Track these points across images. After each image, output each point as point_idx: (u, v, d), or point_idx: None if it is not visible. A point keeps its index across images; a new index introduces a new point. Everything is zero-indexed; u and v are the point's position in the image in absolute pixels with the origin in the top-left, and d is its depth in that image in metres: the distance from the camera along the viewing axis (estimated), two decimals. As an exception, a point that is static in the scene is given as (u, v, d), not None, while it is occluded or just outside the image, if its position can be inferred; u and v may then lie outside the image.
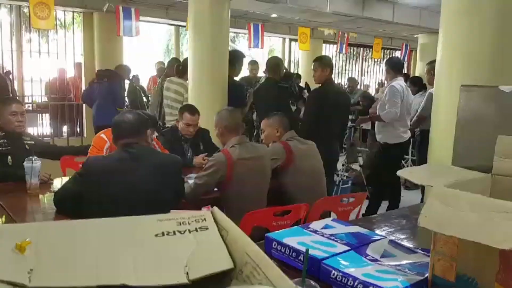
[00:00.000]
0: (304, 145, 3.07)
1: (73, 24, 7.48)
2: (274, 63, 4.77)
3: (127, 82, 7.25)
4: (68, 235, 0.67)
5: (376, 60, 12.57)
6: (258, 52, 11.54)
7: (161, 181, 2.16)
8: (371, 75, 13.39)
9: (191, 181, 2.68)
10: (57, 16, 6.18)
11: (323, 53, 9.36)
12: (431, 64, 4.52)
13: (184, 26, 7.18)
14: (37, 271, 0.58)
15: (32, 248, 0.61)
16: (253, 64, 6.44)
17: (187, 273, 0.62)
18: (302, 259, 1.04)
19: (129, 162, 2.13)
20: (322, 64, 4.09)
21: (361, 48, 12.20)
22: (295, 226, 1.30)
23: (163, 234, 0.69)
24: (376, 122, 4.57)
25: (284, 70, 5.15)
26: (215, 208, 0.76)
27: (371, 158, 5.35)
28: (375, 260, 1.04)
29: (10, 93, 5.70)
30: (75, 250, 0.63)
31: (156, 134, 3.42)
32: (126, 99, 6.69)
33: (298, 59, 10.67)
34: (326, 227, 1.25)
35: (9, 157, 2.87)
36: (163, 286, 0.60)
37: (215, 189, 2.73)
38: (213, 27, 4.69)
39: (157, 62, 8.54)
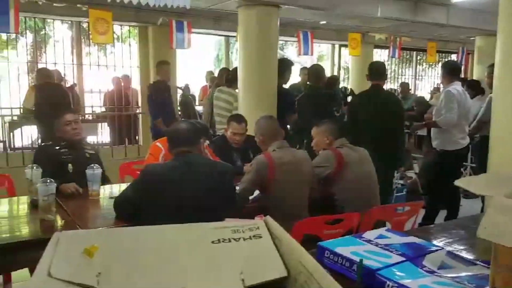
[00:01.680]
0: (356, 152, 3.02)
1: (129, 37, 7.83)
2: (316, 70, 4.77)
3: (179, 92, 7.49)
4: (131, 241, 0.71)
5: (431, 64, 12.14)
6: (307, 59, 11.53)
7: (213, 189, 2.21)
8: (425, 80, 12.94)
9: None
10: (114, 31, 6.49)
11: (374, 58, 9.19)
12: (491, 67, 4.31)
13: (234, 37, 7.32)
14: (104, 275, 0.62)
15: (100, 253, 0.66)
16: (305, 70, 6.44)
17: (243, 280, 0.64)
18: (355, 269, 1.04)
19: (183, 170, 2.21)
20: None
21: (415, 52, 11.84)
22: (348, 236, 1.29)
23: (219, 241, 0.72)
24: (432, 128, 4.42)
25: (327, 77, 5.13)
26: (268, 217, 0.77)
27: (427, 165, 5.16)
28: (432, 272, 1.02)
29: (73, 105, 6.02)
30: (137, 255, 0.67)
31: (207, 142, 3.50)
32: (179, 108, 6.91)
33: (348, 64, 10.53)
34: (380, 237, 1.23)
35: (70, 165, 3.03)
36: (221, 291, 0.62)
37: (259, 192, 2.77)
38: (262, 37, 4.75)
39: (207, 72, 8.75)
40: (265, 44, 4.75)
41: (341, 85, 8.70)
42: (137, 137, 7.37)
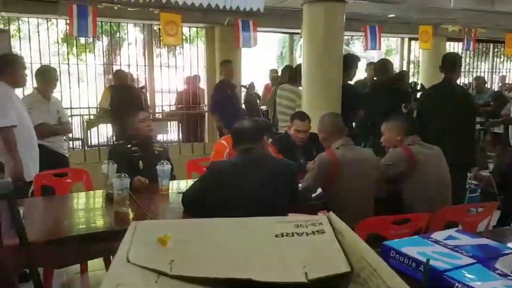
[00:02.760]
0: (429, 150, 2.89)
1: (197, 38, 8.08)
2: (382, 65, 4.63)
3: (244, 90, 7.61)
4: (199, 232, 0.76)
5: (510, 56, 11.29)
6: (374, 53, 11.20)
7: (276, 187, 2.24)
8: (504, 73, 12.06)
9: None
10: (183, 32, 6.72)
11: (447, 51, 8.73)
12: None
13: (298, 33, 7.30)
14: (176, 262, 0.66)
15: (172, 242, 0.70)
16: (371, 65, 6.29)
17: (306, 273, 0.65)
18: (422, 269, 1.01)
19: (246, 167, 2.25)
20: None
21: (491, 44, 11.07)
22: (415, 236, 1.26)
23: (282, 235, 0.74)
24: (509, 126, 4.13)
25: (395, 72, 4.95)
26: (331, 213, 0.78)
27: (503, 164, 4.83)
28: (505, 275, 0.97)
29: (144, 105, 6.33)
30: (205, 246, 0.71)
31: (270, 140, 3.54)
32: (243, 106, 7.02)
33: (418, 58, 10.10)
34: (449, 238, 1.19)
35: (141, 162, 3.20)
36: (284, 283, 0.64)
37: (321, 190, 2.75)
38: (327, 33, 4.69)
39: (271, 70, 8.80)
40: (330, 40, 4.69)
41: (411, 80, 8.36)
42: (203, 135, 7.59)
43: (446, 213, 2.44)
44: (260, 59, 14.78)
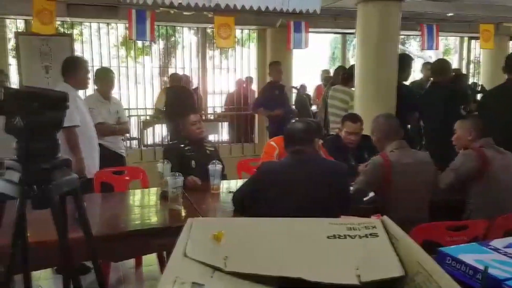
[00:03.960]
0: (502, 155, 2.74)
1: (249, 40, 8.18)
2: (440, 65, 4.43)
3: (294, 91, 7.60)
4: (252, 230, 0.78)
5: None
6: (432, 53, 10.80)
7: (326, 188, 2.22)
8: None
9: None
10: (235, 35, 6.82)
11: (511, 51, 8.26)
12: None
13: (352, 33, 7.19)
14: (230, 259, 0.69)
15: (226, 239, 0.73)
16: (428, 65, 6.07)
17: (359, 276, 0.65)
18: (479, 278, 0.97)
19: (296, 168, 2.25)
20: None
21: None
22: (473, 243, 1.21)
23: (334, 236, 0.74)
24: None
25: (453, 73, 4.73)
26: (386, 217, 0.77)
27: None
28: None
29: (196, 107, 6.49)
30: (258, 244, 0.73)
31: (321, 141, 3.50)
32: (293, 107, 7.01)
33: (479, 58, 9.62)
34: (510, 246, 1.13)
35: (193, 161, 3.28)
36: (336, 284, 0.64)
37: (373, 193, 2.69)
38: (382, 32, 4.58)
39: (323, 70, 8.72)
40: (385, 39, 4.58)
41: (470, 81, 7.99)
42: (253, 136, 7.66)
43: (507, 221, 2.31)
44: (312, 60, 14.68)
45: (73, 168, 2.96)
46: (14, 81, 6.37)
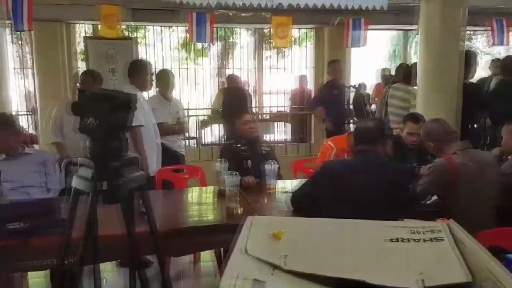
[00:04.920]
0: None
1: (306, 39, 8.13)
2: (509, 62, 4.15)
3: (352, 90, 7.46)
4: (311, 230, 0.78)
5: None
6: (501, 49, 10.18)
7: (389, 191, 2.15)
8: None
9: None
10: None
11: None
12: None
13: (414, 30, 6.93)
14: (290, 257, 0.69)
15: (285, 237, 0.73)
16: (496, 62, 5.72)
17: (422, 280, 0.63)
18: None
19: (359, 168, 2.20)
20: None
21: None
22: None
23: (397, 240, 0.72)
24: None
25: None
26: (452, 221, 0.74)
27: None
28: None
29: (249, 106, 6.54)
30: (317, 244, 0.73)
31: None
32: (351, 107, 6.88)
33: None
34: None
35: (249, 161, 3.32)
36: (397, 288, 0.63)
37: (435, 197, 2.58)
38: (446, 28, 4.37)
39: (382, 68, 8.47)
40: (449, 36, 4.36)
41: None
42: (309, 136, 7.61)
43: None
44: (371, 58, 14.31)
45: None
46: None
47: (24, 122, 7.14)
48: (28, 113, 7.31)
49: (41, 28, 5.85)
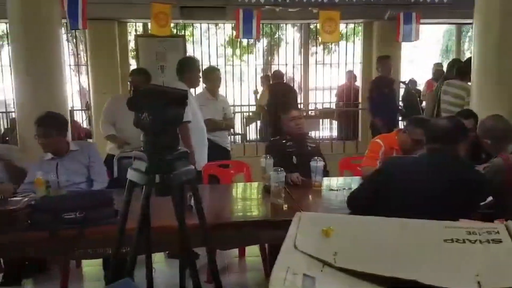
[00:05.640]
0: None
1: (353, 34, 7.99)
2: None
3: (402, 87, 7.24)
4: (363, 228, 0.77)
5: None
6: None
7: (455, 195, 2.02)
8: None
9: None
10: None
11: None
12: None
13: (469, 24, 6.64)
14: (340, 254, 0.69)
15: (335, 234, 0.73)
16: None
17: (479, 283, 0.61)
18: None
19: (424, 168, 2.10)
20: None
21: None
22: None
23: (452, 240, 0.70)
24: None
25: None
26: (510, 222, 0.71)
27: None
28: None
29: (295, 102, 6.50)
30: (370, 242, 0.72)
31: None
32: (401, 103, 6.69)
33: None
34: None
35: (294, 157, 3.30)
36: (453, 290, 0.61)
37: (491, 197, 2.45)
38: (506, 21, 4.14)
39: (435, 63, 8.17)
40: (509, 30, 4.13)
41: None
42: (356, 133, 7.48)
43: None
44: (423, 53, 13.84)
45: (187, 161, 3.15)
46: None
47: (79, 117, 7.50)
48: (82, 108, 7.67)
49: (95, 27, 6.11)
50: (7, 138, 6.20)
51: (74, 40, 7.71)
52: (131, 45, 7.15)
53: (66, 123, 3.16)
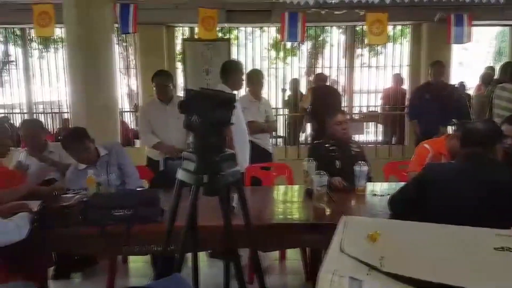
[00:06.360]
0: None
1: (401, 36, 7.82)
2: None
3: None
4: (410, 234, 0.76)
5: None
6: None
7: (498, 201, 1.95)
8: None
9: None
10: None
11: None
12: None
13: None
14: (387, 259, 0.69)
15: (382, 239, 0.73)
16: None
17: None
18: None
19: (466, 173, 2.03)
20: None
21: None
22: None
23: (503, 249, 0.68)
24: None
25: None
26: None
27: None
28: None
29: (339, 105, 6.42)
30: (417, 248, 0.71)
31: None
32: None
33: None
34: None
35: (337, 161, 3.26)
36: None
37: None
38: None
39: (486, 67, 7.84)
40: None
41: None
42: (402, 137, 7.30)
43: None
44: (474, 56, 13.30)
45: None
46: (178, 83, 7.17)
47: (127, 119, 7.78)
48: (131, 110, 7.94)
49: (145, 31, 6.32)
50: (60, 137, 6.53)
51: (124, 44, 8.01)
52: (178, 48, 7.33)
53: (86, 134, 3.14)
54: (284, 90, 7.72)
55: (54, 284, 3.16)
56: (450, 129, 5.91)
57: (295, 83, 7.52)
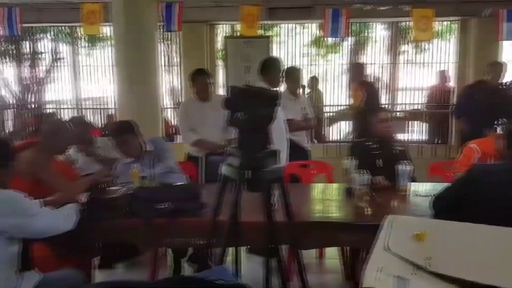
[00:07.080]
0: None
1: (447, 32, 7.57)
2: None
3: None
4: (457, 234, 0.74)
5: None
6: None
7: None
8: None
9: None
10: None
11: None
12: None
13: None
14: (434, 259, 0.68)
15: (429, 239, 0.72)
16: None
17: None
18: None
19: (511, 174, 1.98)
20: None
21: None
22: None
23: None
24: None
25: None
26: None
27: None
28: None
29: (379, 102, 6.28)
30: (465, 248, 0.69)
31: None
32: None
33: None
34: None
35: (380, 160, 3.20)
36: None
37: None
38: None
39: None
40: None
41: None
42: (448, 137, 7.07)
43: None
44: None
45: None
46: (218, 80, 7.25)
47: (169, 115, 7.95)
48: (174, 107, 8.11)
49: (188, 29, 6.43)
50: (105, 132, 6.76)
51: (167, 42, 8.19)
52: (218, 46, 7.41)
53: (134, 127, 3.20)
54: (303, 87, 7.63)
55: (99, 273, 3.28)
56: (499, 129, 5.66)
57: (314, 81, 7.45)
